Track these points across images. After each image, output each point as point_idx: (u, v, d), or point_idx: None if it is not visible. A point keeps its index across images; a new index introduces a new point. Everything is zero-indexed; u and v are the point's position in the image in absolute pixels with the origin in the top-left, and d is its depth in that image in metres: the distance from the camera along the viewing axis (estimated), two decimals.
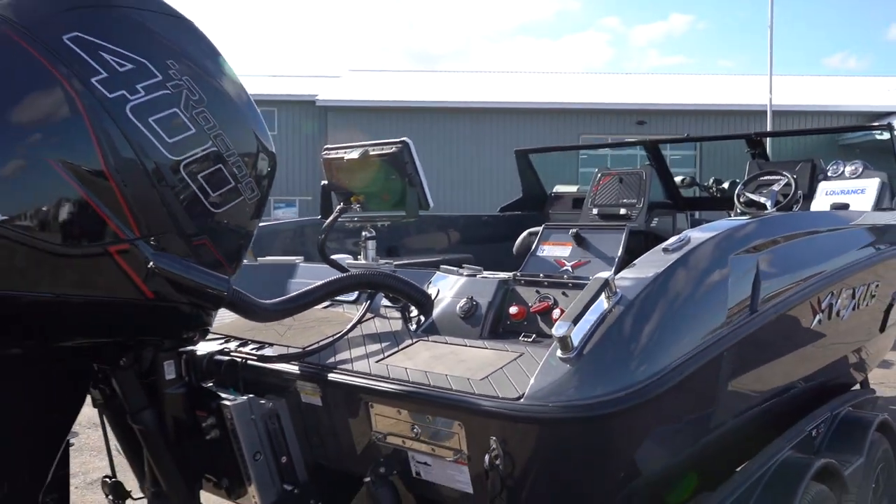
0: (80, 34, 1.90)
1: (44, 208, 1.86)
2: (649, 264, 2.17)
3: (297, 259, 3.26)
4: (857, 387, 4.27)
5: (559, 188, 6.37)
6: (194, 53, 2.12)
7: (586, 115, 22.59)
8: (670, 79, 28.27)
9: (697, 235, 2.36)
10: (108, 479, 2.85)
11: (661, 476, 2.31)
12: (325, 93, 22.86)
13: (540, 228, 4.40)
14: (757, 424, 2.86)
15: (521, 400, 1.86)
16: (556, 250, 2.75)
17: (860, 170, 4.47)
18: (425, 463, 2.13)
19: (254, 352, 2.51)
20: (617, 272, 2.18)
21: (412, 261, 3.56)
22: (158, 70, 2.00)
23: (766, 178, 4.76)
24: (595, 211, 5.18)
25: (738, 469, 2.61)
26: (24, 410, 2.05)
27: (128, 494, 2.85)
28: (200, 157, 2.07)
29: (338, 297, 2.65)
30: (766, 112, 18.59)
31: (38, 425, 2.10)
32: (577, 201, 5.68)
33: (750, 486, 2.52)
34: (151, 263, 1.94)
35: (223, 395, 2.34)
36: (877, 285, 3.68)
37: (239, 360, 2.48)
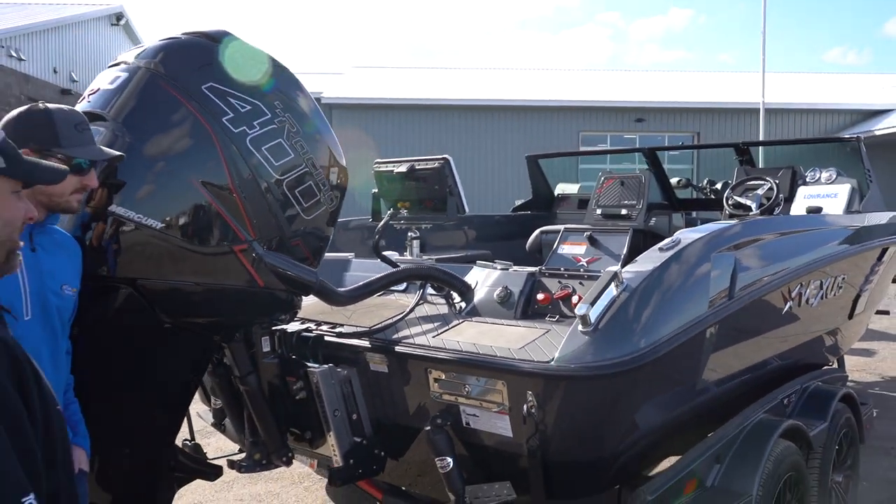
0: (213, 84, 2.48)
1: (187, 217, 2.44)
2: (648, 260, 2.77)
3: (350, 255, 3.84)
4: (835, 366, 4.88)
5: (562, 187, 6.93)
6: (292, 95, 2.70)
7: (586, 112, 22.92)
8: (669, 76, 28.70)
9: (686, 237, 2.95)
10: (188, 442, 3.40)
11: (657, 429, 2.90)
12: (330, 90, 23.11)
13: (549, 227, 5.01)
14: (737, 394, 3.45)
15: (552, 363, 2.45)
16: (574, 249, 3.34)
17: (834, 176, 5.04)
18: (474, 414, 2.73)
19: (331, 330, 3.10)
20: (623, 266, 2.77)
21: (448, 256, 4.13)
22: (268, 110, 2.58)
23: (751, 182, 5.34)
24: (599, 211, 5.67)
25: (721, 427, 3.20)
26: (171, 369, 2.62)
27: (205, 455, 3.41)
28: (297, 175, 2.64)
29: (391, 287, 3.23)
30: (761, 109, 19.11)
31: (180, 382, 2.67)
32: (583, 202, 6.22)
33: (730, 439, 3.12)
34: (263, 259, 2.52)
35: (308, 365, 2.93)
36: (844, 278, 4.27)
37: (321, 336, 3.07)
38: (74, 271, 2.26)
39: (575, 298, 2.83)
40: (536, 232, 5.26)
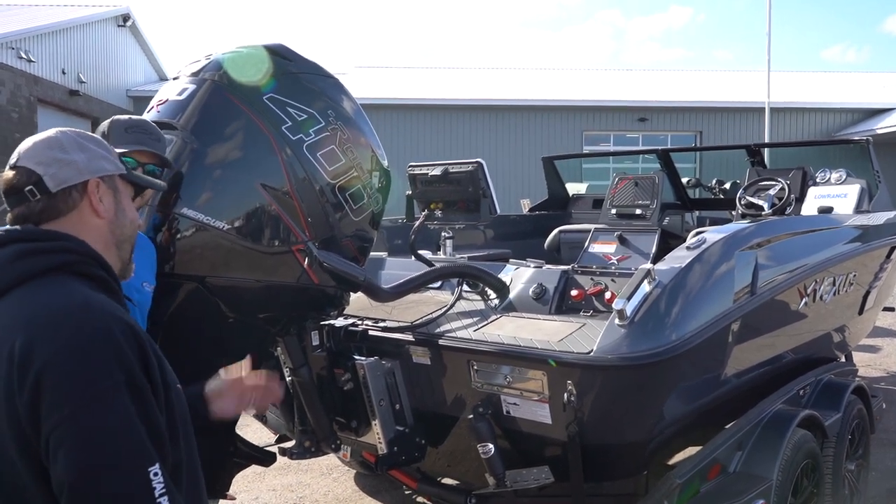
0: (274, 95, 2.65)
1: (250, 218, 2.61)
2: (677, 259, 2.94)
3: (383, 254, 4.02)
4: (843, 360, 5.05)
5: (570, 186, 7.08)
6: (342, 103, 2.87)
7: (589, 111, 23.03)
8: (671, 75, 28.85)
9: (711, 236, 3.13)
10: None
11: (683, 418, 3.08)
12: None
13: (567, 227, 5.19)
14: (754, 386, 3.62)
15: (591, 353, 2.63)
16: (604, 248, 3.52)
17: (844, 177, 5.21)
18: (514, 403, 2.90)
19: (375, 325, 3.27)
20: (653, 264, 2.95)
21: (473, 255, 4.30)
22: (323, 118, 2.75)
23: (763, 183, 5.50)
24: (614, 211, 5.78)
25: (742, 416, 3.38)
26: (232, 360, 2.76)
27: (246, 443, 3.57)
28: (347, 179, 2.82)
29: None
30: (766, 109, 19.28)
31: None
32: (597, 202, 6.38)
33: (751, 428, 3.30)
34: (318, 257, 2.69)
35: (356, 357, 3.10)
36: (854, 275, 4.45)
37: (366, 331, 3.24)
38: (151, 269, 2.44)
39: (607, 295, 3.01)
40: (555, 231, 5.43)
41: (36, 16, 20.88)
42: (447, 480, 3.99)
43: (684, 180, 6.34)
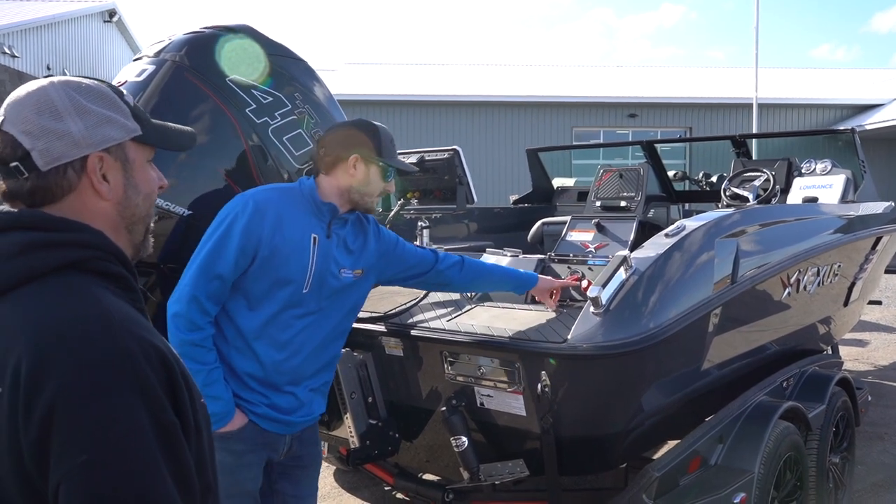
0: (238, 76, 2.57)
1: (213, 205, 2.52)
2: (655, 246, 2.87)
3: None
4: (829, 352, 4.99)
5: (559, 181, 7.00)
6: (310, 86, 2.79)
7: (578, 108, 22.99)
8: (661, 72, 28.82)
9: (690, 224, 3.06)
10: None
11: (663, 410, 3.00)
12: None
13: (550, 219, 5.11)
14: (736, 378, 3.55)
15: (565, 343, 2.55)
16: (582, 236, 3.45)
17: (829, 167, 5.15)
18: (488, 395, 2.83)
19: None
20: (631, 251, 2.87)
21: (453, 246, 4.22)
22: (289, 101, 2.67)
23: (748, 174, 5.44)
24: (598, 203, 5.72)
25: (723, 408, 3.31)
26: None
27: None
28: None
29: None
30: (754, 104, 19.26)
31: None
32: (582, 194, 6.31)
33: (733, 420, 3.22)
34: None
35: None
36: (839, 266, 4.39)
37: None
38: None
39: (584, 283, 2.93)
40: (538, 223, 5.37)
41: (21, 10, 20.68)
42: (428, 476, 3.91)
43: (670, 173, 6.26)
